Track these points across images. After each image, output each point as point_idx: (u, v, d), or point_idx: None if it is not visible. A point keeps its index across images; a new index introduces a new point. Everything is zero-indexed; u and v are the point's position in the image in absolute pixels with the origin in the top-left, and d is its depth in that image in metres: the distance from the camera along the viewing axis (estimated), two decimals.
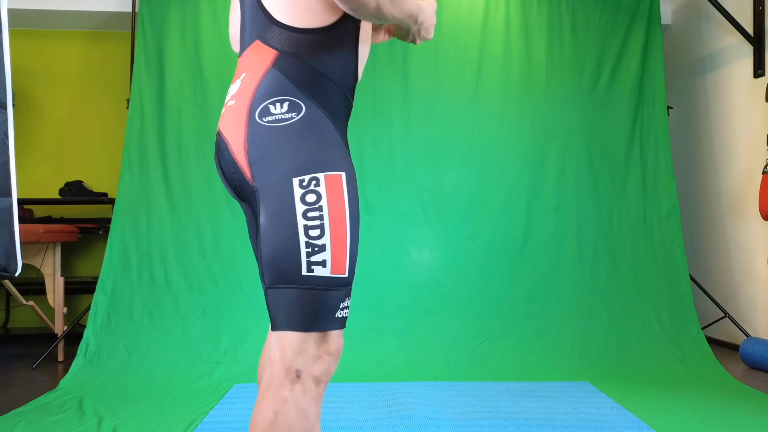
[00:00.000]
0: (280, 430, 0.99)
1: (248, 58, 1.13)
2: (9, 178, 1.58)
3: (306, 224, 1.01)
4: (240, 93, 1.08)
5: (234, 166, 1.07)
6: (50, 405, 2.41)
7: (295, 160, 1.03)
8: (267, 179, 1.03)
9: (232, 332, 3.15)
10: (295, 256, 1.01)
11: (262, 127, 1.04)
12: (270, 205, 1.02)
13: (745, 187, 3.57)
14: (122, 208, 3.33)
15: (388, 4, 1.06)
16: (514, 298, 3.35)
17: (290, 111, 1.05)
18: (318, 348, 1.04)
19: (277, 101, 1.06)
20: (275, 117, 1.05)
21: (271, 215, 1.02)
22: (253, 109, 1.06)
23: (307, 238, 1.01)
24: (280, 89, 1.06)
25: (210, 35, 3.48)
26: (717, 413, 2.29)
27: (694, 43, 4.05)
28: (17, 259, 1.63)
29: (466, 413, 2.27)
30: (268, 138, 1.04)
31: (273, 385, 1.01)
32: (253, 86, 1.07)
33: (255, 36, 1.12)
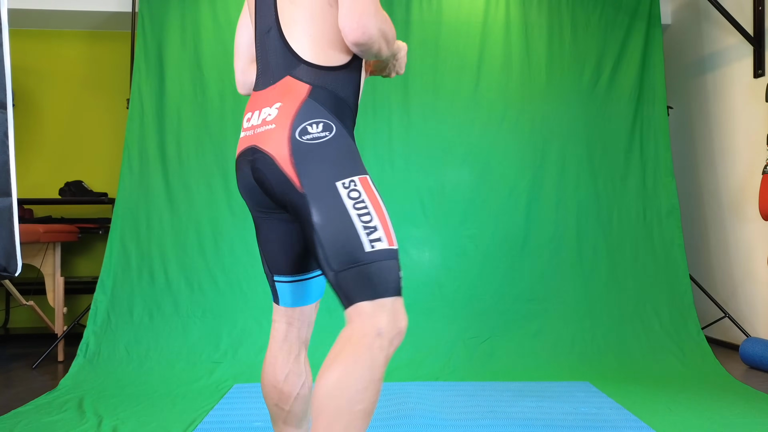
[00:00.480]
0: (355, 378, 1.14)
1: (280, 89, 1.34)
2: (9, 178, 1.58)
3: (357, 213, 1.25)
4: (279, 118, 1.30)
5: (282, 177, 1.28)
6: (50, 405, 2.41)
7: (334, 168, 1.28)
8: (314, 185, 1.26)
9: (232, 332, 3.15)
10: (356, 239, 1.23)
11: (302, 144, 1.28)
12: (322, 206, 1.25)
13: (745, 187, 3.57)
14: (122, 208, 3.33)
15: (385, 47, 1.35)
16: (514, 298, 3.35)
17: (324, 130, 1.30)
18: (389, 313, 1.21)
19: (313, 123, 1.30)
20: (312, 135, 1.29)
21: (325, 213, 1.25)
22: (294, 130, 1.29)
23: (362, 223, 1.24)
24: (316, 114, 1.31)
25: (210, 35, 3.48)
26: (717, 413, 2.29)
27: (694, 43, 4.05)
28: (17, 259, 1.63)
29: (466, 413, 2.27)
30: (308, 151, 1.28)
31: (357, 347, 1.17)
32: (292, 113, 1.30)
33: (284, 73, 1.35)
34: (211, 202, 3.38)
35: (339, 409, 1.13)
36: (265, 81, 1.39)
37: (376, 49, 1.32)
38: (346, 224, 1.24)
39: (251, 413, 2.27)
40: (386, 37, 1.34)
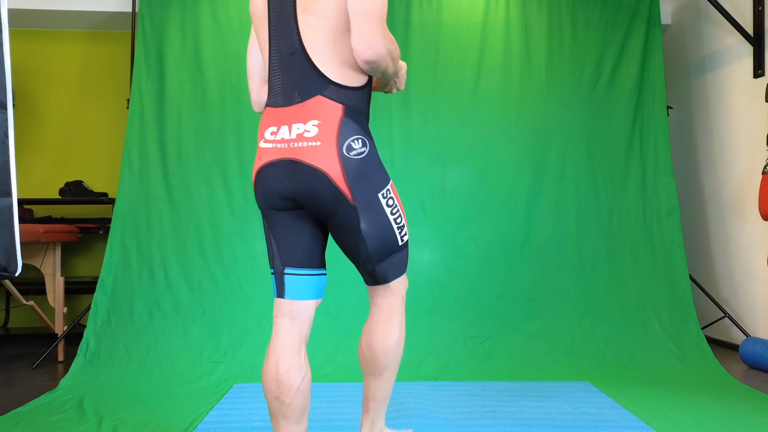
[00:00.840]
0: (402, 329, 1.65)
1: (312, 108, 1.48)
2: (9, 178, 1.58)
3: (393, 217, 1.57)
4: (323, 135, 1.46)
5: (336, 191, 1.48)
6: (50, 405, 2.41)
7: (375, 181, 1.53)
8: (363, 199, 1.51)
9: (232, 332, 3.15)
10: (393, 238, 1.59)
11: (351, 161, 1.47)
12: (371, 216, 1.53)
13: (744, 187, 3.57)
14: (122, 208, 3.33)
15: (391, 65, 1.52)
16: (514, 298, 3.35)
17: (363, 146, 1.50)
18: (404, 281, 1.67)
19: (353, 140, 1.49)
20: (356, 151, 1.49)
21: (372, 221, 1.53)
22: (341, 147, 1.46)
23: (396, 225, 1.58)
24: (353, 131, 1.49)
25: (210, 35, 3.48)
26: (717, 413, 2.29)
27: (694, 43, 4.05)
28: (17, 259, 1.63)
29: (466, 413, 2.27)
30: (357, 167, 1.48)
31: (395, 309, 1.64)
32: (334, 130, 1.47)
33: (313, 92, 1.49)
34: (211, 202, 3.38)
35: (398, 360, 1.65)
36: (287, 99, 1.52)
37: (383, 66, 1.48)
38: (388, 229, 1.57)
39: (251, 413, 2.27)
40: (393, 56, 1.50)
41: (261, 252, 3.35)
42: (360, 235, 1.53)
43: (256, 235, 3.37)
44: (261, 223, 3.38)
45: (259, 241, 3.37)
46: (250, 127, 3.44)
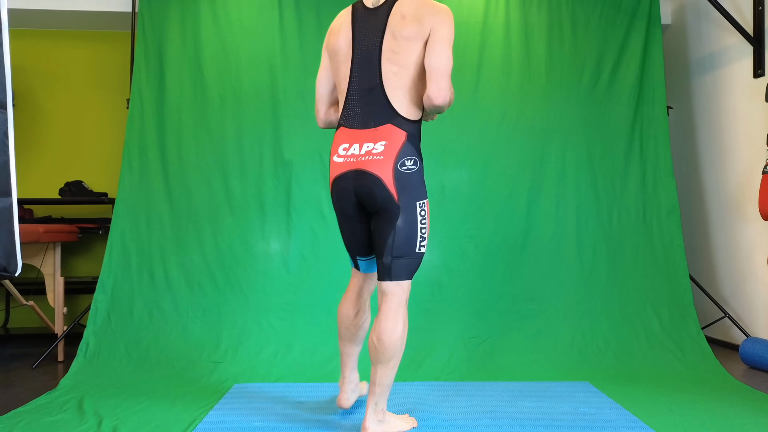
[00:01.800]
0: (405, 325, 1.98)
1: (383, 132, 1.98)
2: (9, 178, 1.58)
3: (421, 226, 2.00)
4: (386, 152, 1.95)
5: (386, 192, 1.95)
6: (50, 405, 2.41)
7: (417, 192, 1.99)
8: (406, 201, 1.96)
9: (232, 332, 3.15)
10: (414, 241, 1.99)
11: (401, 173, 1.96)
12: (406, 216, 1.97)
13: (745, 187, 3.57)
14: (122, 208, 3.33)
15: (446, 108, 1.99)
16: (514, 298, 3.35)
17: (414, 165, 1.98)
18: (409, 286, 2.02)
19: (408, 159, 1.97)
20: (407, 167, 1.97)
21: (406, 221, 1.97)
22: (397, 162, 1.96)
23: (420, 233, 2.00)
24: (410, 152, 1.98)
25: (210, 35, 3.48)
26: (717, 413, 2.29)
27: (694, 43, 4.05)
28: (17, 259, 1.63)
29: (466, 413, 2.27)
30: (405, 178, 1.96)
31: (400, 307, 1.98)
32: (396, 150, 1.96)
33: (386, 121, 1.99)
34: (211, 202, 3.38)
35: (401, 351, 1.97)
36: (363, 123, 2.01)
37: (445, 109, 1.99)
38: (414, 231, 1.98)
39: (251, 413, 2.28)
40: (451, 101, 1.98)
41: (261, 252, 3.36)
42: (394, 228, 1.97)
43: (256, 235, 3.37)
44: (261, 223, 3.39)
45: (259, 241, 3.37)
46: (250, 127, 3.44)
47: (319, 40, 3.52)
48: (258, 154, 3.43)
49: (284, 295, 3.28)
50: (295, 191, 3.40)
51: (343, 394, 2.24)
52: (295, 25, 3.52)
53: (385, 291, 1.98)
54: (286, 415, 2.26)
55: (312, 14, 3.53)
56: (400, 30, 1.98)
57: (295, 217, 3.38)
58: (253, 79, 3.47)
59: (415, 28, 1.96)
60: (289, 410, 2.31)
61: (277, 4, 3.52)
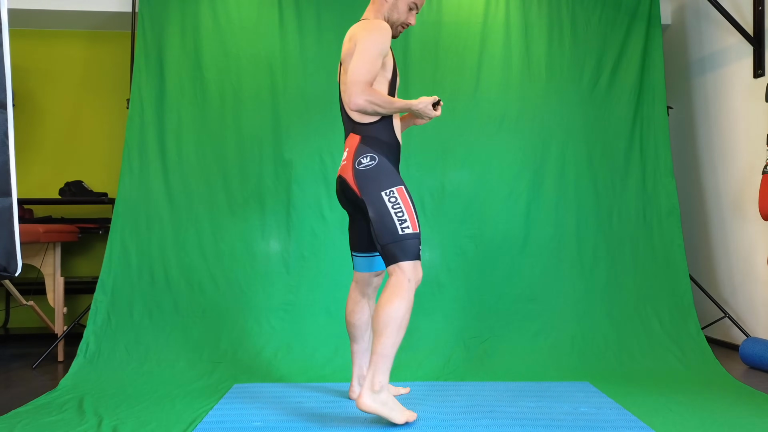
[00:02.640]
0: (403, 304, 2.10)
1: (348, 140, 2.29)
2: (9, 178, 1.58)
3: (394, 211, 2.14)
4: (347, 157, 2.25)
5: (351, 190, 2.22)
6: (50, 405, 2.41)
7: (379, 183, 2.18)
8: (369, 195, 2.17)
9: (232, 332, 3.15)
10: (394, 227, 2.14)
11: (359, 170, 2.21)
12: (375, 207, 2.16)
13: (745, 187, 3.57)
14: (122, 208, 3.33)
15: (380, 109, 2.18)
16: (514, 298, 3.35)
17: (371, 161, 2.21)
18: (414, 268, 2.14)
19: (363, 157, 2.22)
20: (364, 164, 2.21)
21: (376, 211, 2.15)
22: (354, 162, 2.22)
23: (398, 218, 2.14)
24: (365, 151, 2.23)
25: (210, 35, 3.48)
26: (717, 413, 2.29)
27: (694, 43, 4.05)
28: (17, 259, 1.63)
29: (466, 413, 2.27)
30: (363, 174, 2.20)
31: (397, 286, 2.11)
32: (353, 153, 2.24)
33: (349, 130, 2.31)
34: (211, 202, 3.38)
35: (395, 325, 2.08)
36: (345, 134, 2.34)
37: (370, 112, 2.20)
38: (388, 218, 2.14)
39: (251, 413, 2.28)
40: (377, 104, 2.17)
41: (261, 252, 3.36)
42: (371, 221, 2.17)
43: (256, 235, 3.37)
44: (261, 223, 3.40)
45: (259, 241, 3.37)
46: (250, 127, 3.45)
47: (319, 40, 3.52)
48: (258, 154, 3.43)
49: (284, 295, 3.28)
50: (295, 191, 3.40)
51: (352, 385, 2.49)
52: (295, 25, 3.52)
53: (390, 273, 2.15)
54: (286, 415, 2.26)
55: (312, 14, 3.53)
56: (345, 51, 2.28)
57: (295, 217, 3.38)
58: (253, 79, 3.47)
59: (350, 47, 2.25)
60: (289, 410, 2.31)
61: (277, 4, 3.52)
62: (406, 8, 2.34)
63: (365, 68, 2.17)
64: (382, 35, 2.21)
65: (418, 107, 2.26)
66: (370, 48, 2.18)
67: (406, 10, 2.34)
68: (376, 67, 2.19)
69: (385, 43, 2.22)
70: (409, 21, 2.37)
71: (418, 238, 2.15)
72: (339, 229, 3.34)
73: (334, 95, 3.42)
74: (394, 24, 2.35)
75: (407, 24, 2.38)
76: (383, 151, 2.23)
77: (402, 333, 2.12)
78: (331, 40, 3.50)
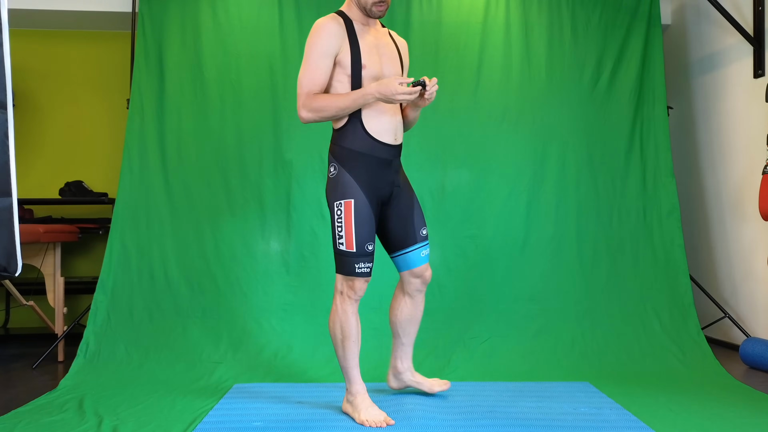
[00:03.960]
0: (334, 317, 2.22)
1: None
2: (9, 178, 1.58)
3: (336, 225, 2.17)
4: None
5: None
6: (50, 405, 2.41)
7: (335, 194, 2.18)
8: (329, 204, 2.20)
9: (231, 332, 3.15)
10: (334, 239, 2.19)
11: (328, 179, 2.23)
12: (331, 216, 2.20)
13: (745, 187, 3.57)
14: (122, 208, 3.32)
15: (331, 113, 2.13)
16: (514, 298, 3.35)
17: (334, 170, 2.20)
18: (347, 282, 2.18)
19: (331, 166, 2.23)
20: (331, 173, 2.22)
21: (331, 221, 2.20)
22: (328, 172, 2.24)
23: (337, 232, 2.17)
24: (331, 160, 2.23)
25: (210, 35, 3.48)
26: (717, 413, 2.29)
27: (694, 43, 4.05)
28: (17, 259, 1.63)
29: (466, 413, 2.27)
30: (329, 184, 2.22)
31: (336, 298, 2.21)
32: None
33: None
34: (211, 202, 3.38)
35: (334, 338, 2.23)
36: None
37: (320, 119, 2.15)
38: (333, 229, 2.18)
39: (251, 413, 2.28)
40: (319, 109, 2.12)
41: (261, 252, 3.36)
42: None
43: (256, 235, 3.37)
44: (261, 223, 3.40)
45: (259, 241, 3.37)
46: (250, 127, 3.44)
47: None
48: (258, 154, 3.43)
49: (284, 295, 3.28)
50: (295, 191, 3.40)
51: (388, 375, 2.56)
52: (295, 25, 3.52)
53: None
54: (286, 415, 2.26)
55: (312, 14, 3.53)
56: None
57: (295, 217, 3.38)
58: (253, 79, 3.47)
59: None
60: (289, 410, 2.31)
61: (277, 4, 3.52)
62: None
63: (304, 78, 2.12)
64: (319, 35, 2.11)
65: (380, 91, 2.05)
66: (308, 55, 2.12)
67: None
68: (319, 73, 2.11)
69: (323, 42, 2.10)
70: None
71: (351, 256, 2.12)
72: None
73: None
74: (365, 6, 2.17)
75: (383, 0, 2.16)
76: (345, 158, 2.16)
77: (348, 343, 2.18)
78: None
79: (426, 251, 2.35)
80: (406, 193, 2.34)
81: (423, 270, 2.36)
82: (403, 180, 2.35)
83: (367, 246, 2.15)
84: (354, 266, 2.13)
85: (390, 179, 2.24)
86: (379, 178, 2.20)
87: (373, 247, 2.19)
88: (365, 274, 2.16)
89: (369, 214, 2.15)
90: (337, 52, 2.13)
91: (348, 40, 2.14)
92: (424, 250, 2.34)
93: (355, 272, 2.14)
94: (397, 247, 2.33)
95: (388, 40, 2.31)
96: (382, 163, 2.20)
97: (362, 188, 2.14)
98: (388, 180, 2.24)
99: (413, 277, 2.36)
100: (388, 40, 2.30)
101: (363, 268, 2.14)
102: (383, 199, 2.25)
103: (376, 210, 2.21)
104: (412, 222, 2.31)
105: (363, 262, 2.14)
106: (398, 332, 2.43)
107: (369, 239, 2.15)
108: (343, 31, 2.14)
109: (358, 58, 2.14)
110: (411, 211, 2.32)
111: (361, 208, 2.13)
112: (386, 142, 2.19)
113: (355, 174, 2.15)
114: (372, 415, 2.14)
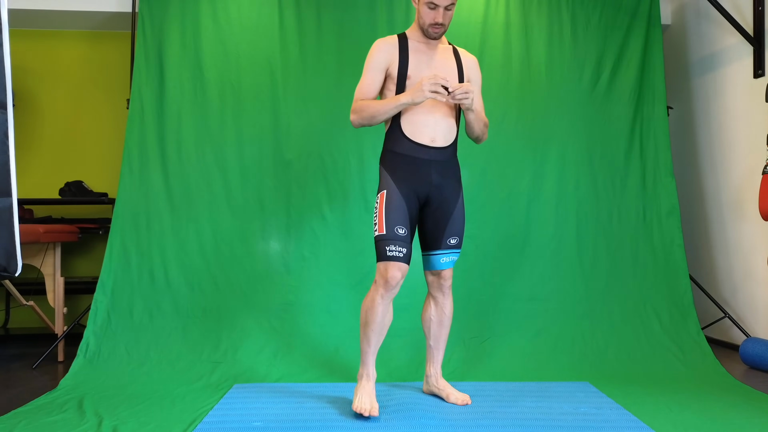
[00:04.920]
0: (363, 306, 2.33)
1: None
2: (9, 178, 1.58)
3: (374, 213, 2.32)
4: None
5: None
6: (50, 405, 2.41)
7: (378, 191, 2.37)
8: None
9: (232, 332, 3.15)
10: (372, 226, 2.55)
11: None
12: None
13: (745, 187, 3.57)
14: (122, 208, 3.32)
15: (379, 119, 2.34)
16: (514, 298, 3.35)
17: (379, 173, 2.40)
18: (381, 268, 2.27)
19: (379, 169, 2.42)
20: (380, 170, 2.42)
21: None
22: None
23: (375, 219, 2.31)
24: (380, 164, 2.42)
25: (210, 35, 3.48)
26: (717, 413, 2.29)
27: (694, 43, 4.05)
28: (17, 259, 1.63)
29: (466, 413, 2.27)
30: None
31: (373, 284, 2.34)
32: None
33: None
34: (211, 202, 3.38)
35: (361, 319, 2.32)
36: None
37: (367, 124, 2.35)
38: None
39: (251, 413, 2.28)
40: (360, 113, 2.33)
41: (261, 252, 3.36)
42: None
43: (256, 235, 3.37)
44: (261, 223, 3.39)
45: (259, 241, 3.37)
46: (250, 127, 3.45)
47: (319, 40, 3.52)
48: (258, 154, 3.43)
49: (284, 295, 3.28)
50: (295, 191, 3.40)
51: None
52: (295, 25, 3.52)
53: None
54: (286, 415, 2.26)
55: (312, 14, 3.53)
56: None
57: (295, 217, 3.38)
58: (253, 79, 3.47)
59: None
60: (289, 410, 2.31)
61: (277, 4, 3.52)
62: (426, 9, 2.34)
63: (357, 88, 2.38)
64: (372, 52, 2.38)
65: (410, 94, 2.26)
66: (365, 68, 2.39)
67: (427, 11, 2.34)
68: (367, 83, 2.35)
69: (374, 57, 2.36)
70: (437, 20, 2.32)
71: (383, 239, 2.24)
72: (339, 230, 3.34)
73: (334, 95, 3.43)
74: (422, 27, 2.38)
75: (437, 23, 2.33)
76: (386, 159, 2.37)
77: (367, 330, 2.29)
78: (331, 40, 3.50)
79: (448, 258, 2.44)
80: (447, 201, 2.40)
81: (440, 273, 2.47)
82: (448, 184, 2.39)
83: (397, 229, 2.24)
84: (386, 249, 2.23)
85: (427, 179, 2.34)
86: (414, 175, 2.33)
87: (406, 232, 2.26)
88: (396, 258, 2.22)
89: (401, 202, 2.28)
90: (388, 66, 2.36)
91: (398, 54, 2.37)
92: (445, 257, 2.43)
93: (387, 255, 2.22)
94: (425, 247, 2.46)
95: (448, 55, 2.45)
96: (419, 163, 2.33)
97: (396, 182, 2.30)
98: (425, 179, 2.34)
99: (431, 275, 2.50)
100: (448, 56, 2.44)
101: (394, 251, 2.22)
102: (420, 196, 2.35)
103: (412, 203, 2.33)
104: (444, 229, 2.40)
105: (394, 245, 2.22)
106: (427, 335, 2.56)
107: (399, 223, 2.25)
108: (395, 48, 2.38)
109: (405, 70, 2.35)
110: (446, 220, 2.40)
111: (392, 196, 2.28)
112: (422, 143, 2.32)
113: (391, 170, 2.33)
114: (362, 402, 2.23)
